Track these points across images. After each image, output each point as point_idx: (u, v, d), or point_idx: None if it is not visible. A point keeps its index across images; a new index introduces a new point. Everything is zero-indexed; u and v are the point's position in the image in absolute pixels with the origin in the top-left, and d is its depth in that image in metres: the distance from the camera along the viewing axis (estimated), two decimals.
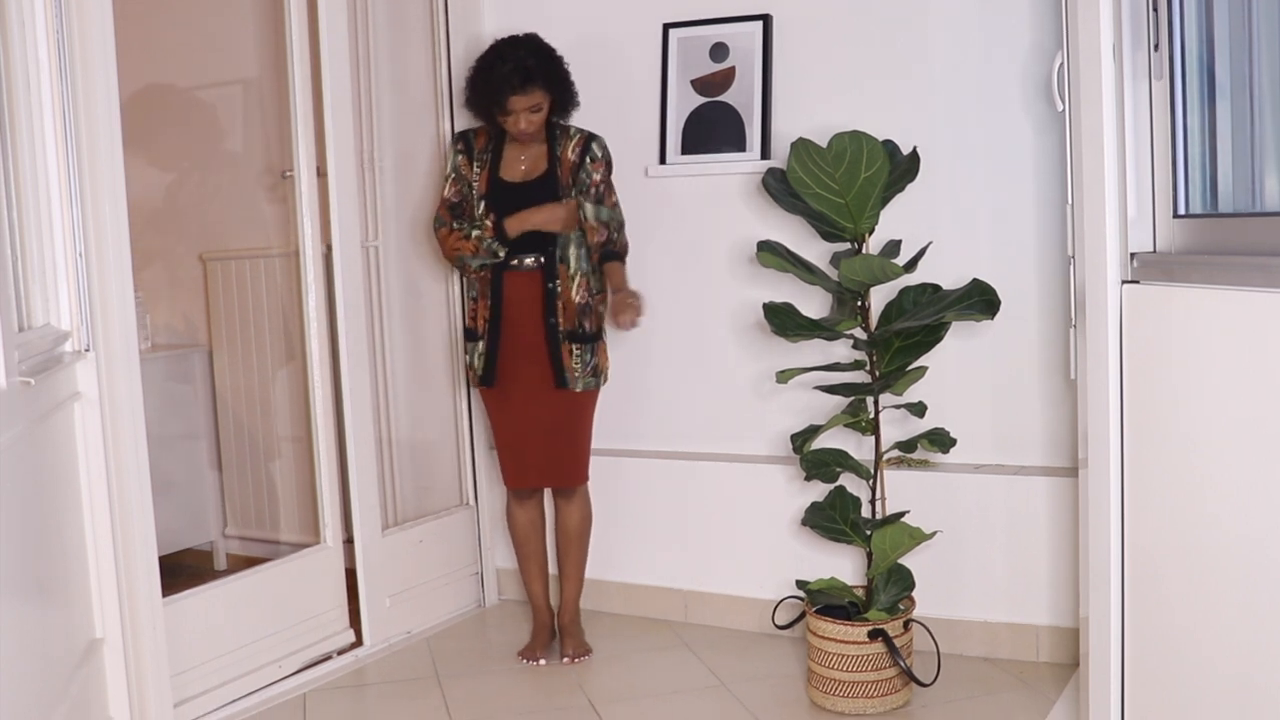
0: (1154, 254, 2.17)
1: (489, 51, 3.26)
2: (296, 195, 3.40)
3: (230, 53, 4.15)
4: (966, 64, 3.31)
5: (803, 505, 3.27)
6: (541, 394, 3.32)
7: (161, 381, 4.03)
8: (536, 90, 3.21)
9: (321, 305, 3.43)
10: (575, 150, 3.32)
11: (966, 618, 3.31)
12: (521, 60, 3.18)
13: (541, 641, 3.48)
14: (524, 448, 3.38)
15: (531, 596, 3.55)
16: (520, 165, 3.33)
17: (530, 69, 3.19)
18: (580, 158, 3.32)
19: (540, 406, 3.33)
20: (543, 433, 3.35)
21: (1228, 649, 1.96)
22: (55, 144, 2.56)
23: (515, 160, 3.34)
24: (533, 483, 3.45)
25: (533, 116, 3.24)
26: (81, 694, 2.45)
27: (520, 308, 3.30)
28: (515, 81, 3.17)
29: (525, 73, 3.18)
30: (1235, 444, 1.92)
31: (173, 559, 3.80)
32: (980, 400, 3.36)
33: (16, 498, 2.13)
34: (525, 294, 3.30)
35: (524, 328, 3.31)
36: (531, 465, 3.40)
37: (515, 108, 3.21)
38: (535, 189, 3.30)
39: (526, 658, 3.43)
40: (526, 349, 3.31)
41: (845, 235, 2.97)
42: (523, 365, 3.32)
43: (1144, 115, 2.16)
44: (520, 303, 3.30)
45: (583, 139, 3.34)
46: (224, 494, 4.27)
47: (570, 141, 3.33)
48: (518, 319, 3.31)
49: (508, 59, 3.19)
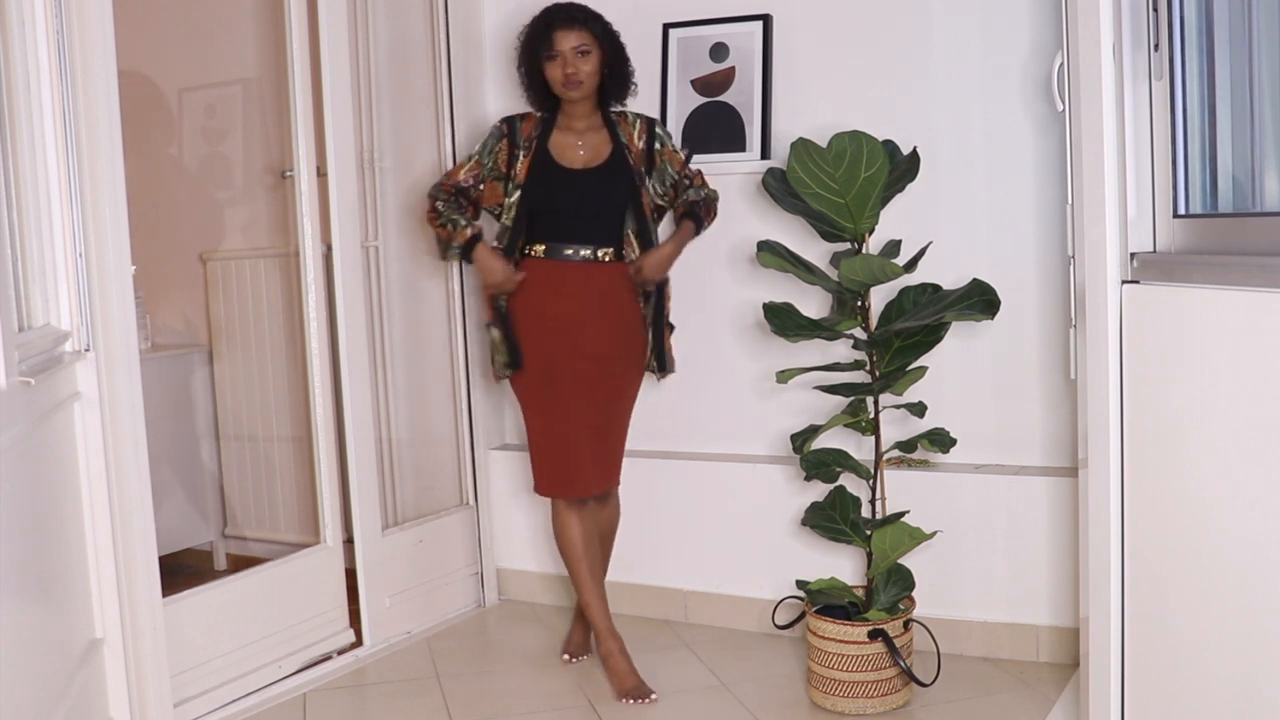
0: (1154, 254, 2.17)
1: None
2: (296, 195, 3.40)
3: (230, 52, 4.15)
4: (966, 64, 3.31)
5: (803, 505, 3.28)
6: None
7: (161, 381, 4.03)
8: (585, 31, 3.09)
9: (321, 305, 3.43)
10: (640, 136, 3.20)
11: (966, 618, 3.31)
12: (573, 6, 3.14)
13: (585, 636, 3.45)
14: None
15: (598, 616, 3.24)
16: (578, 150, 3.17)
17: (581, 11, 3.12)
18: (649, 144, 3.20)
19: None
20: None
21: (1228, 649, 1.96)
22: (55, 144, 2.56)
23: (570, 146, 3.17)
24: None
25: (581, 65, 3.08)
26: (81, 694, 2.45)
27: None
28: (563, 15, 3.10)
29: (575, 10, 3.11)
30: (1236, 444, 1.92)
31: (173, 559, 3.81)
32: (980, 400, 3.36)
33: (16, 498, 2.13)
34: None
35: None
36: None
37: (561, 45, 3.06)
38: (602, 177, 3.15)
39: (573, 655, 3.41)
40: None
41: (845, 235, 2.97)
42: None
43: (1144, 115, 2.17)
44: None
45: (645, 123, 3.21)
46: (224, 494, 4.27)
47: (631, 127, 3.20)
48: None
49: (561, 4, 3.14)
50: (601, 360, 3.17)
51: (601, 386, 3.18)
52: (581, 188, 3.14)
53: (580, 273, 3.14)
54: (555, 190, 3.14)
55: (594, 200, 3.15)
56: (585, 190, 3.14)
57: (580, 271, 3.14)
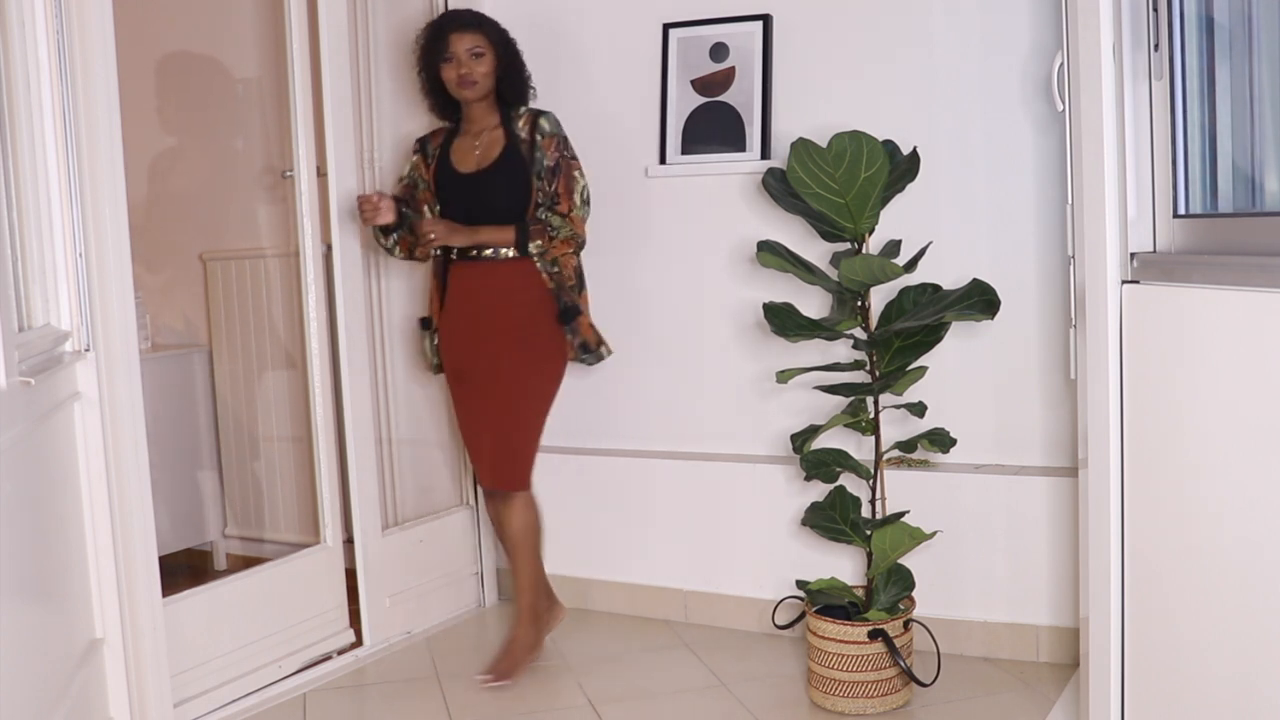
0: (1154, 254, 2.17)
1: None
2: (296, 195, 3.40)
3: (230, 52, 4.15)
4: (966, 64, 3.31)
5: (803, 505, 3.28)
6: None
7: (161, 381, 4.03)
8: (479, 34, 3.20)
9: (321, 305, 3.43)
10: (525, 128, 3.25)
11: (966, 618, 3.31)
12: (466, 11, 3.25)
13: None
14: None
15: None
16: (474, 153, 3.26)
17: (474, 16, 3.24)
18: (531, 134, 3.24)
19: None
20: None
21: (1228, 649, 1.96)
22: (55, 144, 2.56)
23: (468, 150, 3.27)
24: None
25: (475, 66, 3.18)
26: (81, 694, 2.45)
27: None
28: (456, 20, 3.21)
29: (468, 15, 3.22)
30: (1236, 444, 1.92)
31: (173, 559, 3.81)
32: (980, 400, 3.36)
33: (16, 498, 2.13)
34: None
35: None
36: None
37: (455, 48, 3.18)
38: (489, 178, 3.22)
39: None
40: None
41: (845, 235, 2.97)
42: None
43: (1144, 115, 2.16)
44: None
45: (530, 115, 3.27)
46: (224, 494, 4.27)
47: (520, 120, 3.26)
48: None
49: (454, 10, 3.26)
50: (498, 358, 3.23)
51: (500, 385, 3.25)
52: (472, 189, 3.23)
53: (481, 272, 3.23)
54: (449, 195, 3.26)
55: (484, 200, 3.22)
56: (475, 191, 3.22)
57: (481, 270, 3.23)
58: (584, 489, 3.81)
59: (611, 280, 3.68)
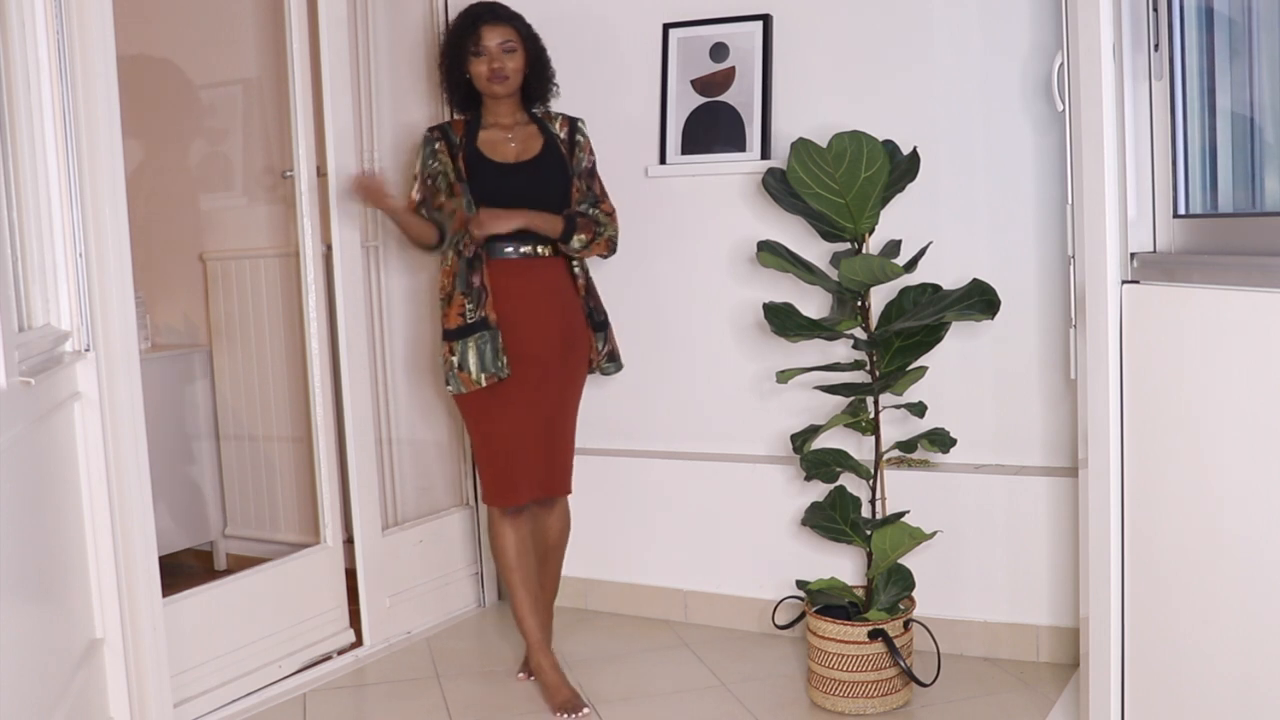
0: (1154, 254, 2.17)
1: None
2: (296, 195, 3.40)
3: (230, 52, 4.15)
4: (967, 64, 3.31)
5: (803, 505, 3.28)
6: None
7: (161, 381, 4.03)
8: (511, 28, 3.11)
9: (321, 305, 3.43)
10: (564, 130, 3.19)
11: (966, 618, 3.31)
12: (497, 5, 3.15)
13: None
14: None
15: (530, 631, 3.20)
16: (509, 144, 3.14)
17: (506, 10, 3.14)
18: (570, 137, 3.19)
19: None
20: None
21: (1228, 649, 1.96)
22: (55, 144, 2.56)
23: (501, 142, 3.13)
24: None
25: (507, 61, 3.08)
26: (81, 694, 2.44)
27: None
28: (489, 12, 3.10)
29: (500, 8, 3.13)
30: (1236, 443, 1.92)
31: (173, 559, 3.81)
32: (980, 400, 3.36)
33: (16, 498, 2.13)
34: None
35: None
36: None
37: (487, 41, 3.06)
38: (536, 169, 3.11)
39: (530, 674, 3.29)
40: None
41: (845, 235, 2.97)
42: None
43: (1144, 115, 2.17)
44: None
45: (567, 120, 3.19)
46: (224, 494, 4.27)
47: (555, 123, 3.20)
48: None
49: (485, 2, 3.15)
50: (545, 362, 3.08)
51: (546, 389, 3.10)
52: (517, 181, 3.10)
53: (523, 268, 3.08)
54: (489, 184, 3.08)
55: (530, 193, 3.09)
56: (523, 182, 3.10)
57: (523, 266, 3.08)
58: (584, 489, 3.79)
59: (611, 280, 3.68)
